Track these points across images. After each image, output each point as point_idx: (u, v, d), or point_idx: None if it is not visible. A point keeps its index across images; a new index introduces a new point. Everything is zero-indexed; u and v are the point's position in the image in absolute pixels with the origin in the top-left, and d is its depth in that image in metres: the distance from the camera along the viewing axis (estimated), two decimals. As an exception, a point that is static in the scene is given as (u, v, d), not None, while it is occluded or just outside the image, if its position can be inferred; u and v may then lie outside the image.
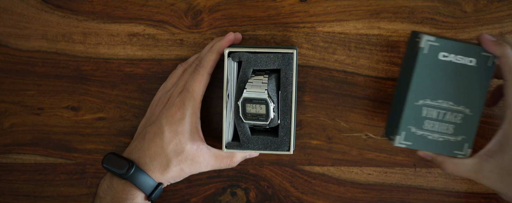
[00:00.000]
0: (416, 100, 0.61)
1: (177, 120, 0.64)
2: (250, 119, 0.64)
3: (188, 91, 0.64)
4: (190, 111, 0.64)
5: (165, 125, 0.64)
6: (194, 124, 0.64)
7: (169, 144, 0.63)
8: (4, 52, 0.71)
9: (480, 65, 0.61)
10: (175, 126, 0.64)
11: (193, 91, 0.64)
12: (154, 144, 0.63)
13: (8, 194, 0.73)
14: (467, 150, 0.62)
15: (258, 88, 0.63)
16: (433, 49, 0.60)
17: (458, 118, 0.62)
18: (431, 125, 0.62)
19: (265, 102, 0.63)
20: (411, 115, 0.61)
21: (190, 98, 0.64)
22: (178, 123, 0.64)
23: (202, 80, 0.64)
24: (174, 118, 0.64)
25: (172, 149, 0.63)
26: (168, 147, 0.63)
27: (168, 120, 0.64)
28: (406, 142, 0.62)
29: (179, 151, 0.64)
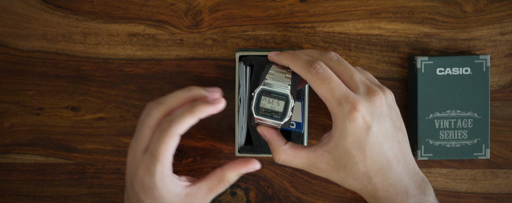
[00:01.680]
0: (427, 115, 0.66)
1: (148, 188, 0.58)
2: (262, 114, 0.58)
3: (153, 156, 0.58)
4: (159, 176, 0.58)
5: (140, 193, 0.59)
6: (168, 184, 0.59)
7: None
8: (4, 52, 0.71)
9: (475, 72, 0.66)
10: (151, 191, 0.58)
11: (159, 156, 0.57)
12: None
13: (8, 194, 0.73)
14: (485, 150, 0.66)
15: (281, 82, 0.58)
16: (429, 67, 0.66)
17: (468, 123, 0.66)
18: (446, 134, 0.67)
19: (286, 98, 0.57)
20: (426, 129, 0.66)
21: (155, 164, 0.58)
22: (151, 190, 0.58)
23: (171, 144, 0.58)
24: (145, 185, 0.59)
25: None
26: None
27: (140, 188, 0.59)
28: (427, 154, 0.67)
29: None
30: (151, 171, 0.58)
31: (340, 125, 0.56)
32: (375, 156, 0.56)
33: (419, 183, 0.58)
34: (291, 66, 0.58)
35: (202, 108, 0.58)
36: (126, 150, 0.72)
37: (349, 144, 0.56)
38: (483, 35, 0.69)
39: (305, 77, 0.57)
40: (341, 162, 0.56)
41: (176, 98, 0.60)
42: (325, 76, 0.56)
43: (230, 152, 0.72)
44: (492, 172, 0.71)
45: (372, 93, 0.56)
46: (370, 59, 0.70)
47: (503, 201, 0.71)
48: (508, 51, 0.70)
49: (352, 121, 0.55)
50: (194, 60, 0.71)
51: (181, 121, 0.57)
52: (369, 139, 0.56)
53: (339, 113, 0.55)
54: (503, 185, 0.71)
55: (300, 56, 0.58)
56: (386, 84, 0.70)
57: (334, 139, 0.56)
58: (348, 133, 0.55)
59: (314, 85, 0.56)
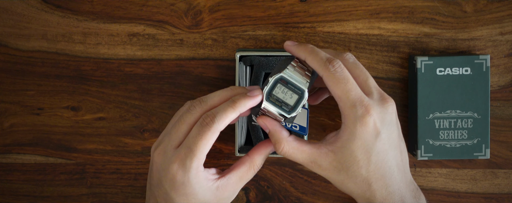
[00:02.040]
0: (427, 115, 0.66)
1: (180, 184, 0.57)
2: (271, 102, 0.57)
3: (190, 150, 0.56)
4: (194, 172, 0.56)
5: (170, 190, 0.57)
6: (201, 180, 0.57)
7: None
8: (4, 52, 0.71)
9: (475, 72, 0.66)
10: (183, 188, 0.57)
11: (196, 150, 0.56)
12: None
13: (8, 194, 0.73)
14: (485, 150, 0.66)
15: (300, 76, 0.57)
16: (429, 67, 0.66)
17: (468, 123, 0.66)
18: (446, 134, 0.67)
19: (301, 93, 0.56)
20: (426, 129, 0.66)
21: (192, 157, 0.56)
22: (183, 186, 0.57)
23: (210, 139, 0.56)
24: (177, 181, 0.57)
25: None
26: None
27: (171, 184, 0.57)
28: (427, 154, 0.67)
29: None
30: (186, 167, 0.56)
31: (350, 127, 0.55)
32: (380, 163, 0.56)
33: (414, 192, 0.59)
34: (309, 60, 0.57)
35: (243, 102, 0.56)
36: (126, 150, 0.72)
37: (356, 147, 0.55)
38: (483, 35, 0.69)
39: (321, 74, 0.56)
40: (344, 164, 0.56)
41: (219, 97, 0.59)
42: (342, 76, 0.55)
43: (230, 152, 0.72)
44: (492, 172, 0.71)
45: (385, 100, 0.56)
46: (370, 59, 0.70)
47: (503, 201, 0.71)
48: (508, 51, 0.70)
49: (363, 124, 0.55)
50: (194, 60, 0.71)
51: (224, 116, 0.56)
52: (377, 144, 0.56)
53: (352, 115, 0.55)
54: (503, 185, 0.71)
55: (319, 51, 0.57)
56: (386, 84, 0.70)
57: (341, 139, 0.56)
58: (357, 136, 0.55)
59: (330, 83, 0.56)
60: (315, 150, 0.57)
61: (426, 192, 0.71)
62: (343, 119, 0.56)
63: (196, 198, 0.57)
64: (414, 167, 0.71)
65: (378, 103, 0.56)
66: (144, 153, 0.72)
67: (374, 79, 0.70)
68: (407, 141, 0.71)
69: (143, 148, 0.72)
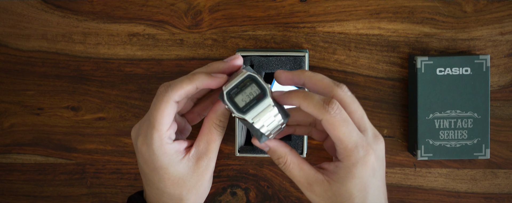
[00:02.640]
0: (427, 115, 0.66)
1: (148, 159, 0.56)
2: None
3: (149, 122, 0.56)
4: (157, 144, 0.56)
5: (144, 166, 0.58)
6: (169, 153, 0.56)
7: (162, 182, 0.57)
8: (4, 52, 0.71)
9: (475, 72, 0.66)
10: (151, 164, 0.56)
11: (154, 122, 0.55)
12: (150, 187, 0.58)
13: (8, 194, 0.73)
14: (485, 150, 0.67)
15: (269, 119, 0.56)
16: (429, 67, 0.66)
17: (468, 123, 0.67)
18: (446, 134, 0.67)
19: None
20: (426, 129, 0.67)
21: (151, 129, 0.55)
22: (152, 161, 0.56)
23: (165, 109, 0.55)
24: (144, 154, 0.57)
25: (170, 184, 0.57)
26: (165, 186, 0.57)
27: (142, 161, 0.57)
28: (427, 154, 0.67)
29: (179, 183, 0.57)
30: (148, 138, 0.55)
31: (349, 167, 0.55)
32: (375, 199, 0.56)
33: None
34: (303, 107, 0.54)
35: (201, 77, 0.55)
36: (126, 150, 0.72)
37: (354, 185, 0.55)
38: (483, 35, 0.69)
39: (321, 117, 0.54)
40: (339, 198, 0.56)
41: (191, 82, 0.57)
42: (342, 118, 0.54)
43: (230, 152, 0.72)
44: (492, 172, 0.71)
45: (378, 138, 0.57)
46: (370, 59, 0.70)
47: (503, 201, 0.71)
48: (508, 51, 0.70)
49: (364, 164, 0.55)
50: (194, 60, 0.71)
51: (179, 86, 0.55)
52: (373, 182, 0.56)
53: (353, 156, 0.55)
54: (503, 185, 0.71)
55: (313, 95, 0.55)
56: (386, 84, 0.70)
57: (338, 175, 0.56)
58: (356, 176, 0.55)
59: (330, 126, 0.54)
60: (313, 173, 0.56)
61: (426, 192, 0.71)
62: (343, 159, 0.55)
63: (168, 172, 0.56)
64: (414, 167, 0.71)
65: (373, 141, 0.56)
66: (144, 153, 0.72)
67: (374, 79, 0.70)
68: (407, 141, 0.71)
69: (143, 148, 0.72)
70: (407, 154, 0.71)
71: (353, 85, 0.70)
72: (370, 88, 0.70)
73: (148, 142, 0.56)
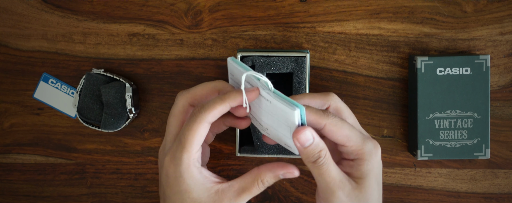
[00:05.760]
0: (427, 115, 0.66)
1: (173, 179, 0.55)
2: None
3: (180, 142, 0.54)
4: (185, 165, 0.54)
5: (166, 187, 0.56)
6: (196, 176, 0.55)
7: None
8: (4, 52, 0.71)
9: (475, 72, 0.66)
10: (177, 184, 0.55)
11: (186, 143, 0.54)
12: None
13: (8, 194, 0.73)
14: (485, 150, 0.67)
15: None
16: (429, 67, 0.66)
17: (468, 123, 0.67)
18: (446, 134, 0.67)
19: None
20: (426, 129, 0.67)
21: (182, 150, 0.54)
22: (177, 182, 0.55)
23: (198, 129, 0.54)
24: (170, 176, 0.55)
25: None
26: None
27: (166, 181, 0.56)
28: (427, 154, 0.67)
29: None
30: (177, 160, 0.54)
31: (367, 160, 0.56)
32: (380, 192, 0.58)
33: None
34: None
35: (234, 96, 0.54)
36: (126, 150, 0.72)
37: (375, 178, 0.56)
38: (483, 35, 0.69)
39: (323, 122, 0.54)
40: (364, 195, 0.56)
41: (202, 87, 0.58)
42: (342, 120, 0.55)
43: (230, 152, 0.72)
44: (492, 172, 0.71)
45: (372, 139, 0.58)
46: (370, 59, 0.70)
47: (503, 201, 0.71)
48: (508, 51, 0.70)
49: (376, 156, 0.56)
50: (194, 60, 0.71)
51: (212, 108, 0.54)
52: (380, 175, 0.58)
53: (366, 149, 0.55)
54: (503, 185, 0.71)
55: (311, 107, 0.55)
56: (386, 84, 0.70)
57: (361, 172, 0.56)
58: (375, 168, 0.56)
59: (335, 128, 0.54)
60: (342, 173, 0.56)
61: (426, 192, 0.71)
62: (355, 155, 0.56)
63: (190, 197, 0.55)
64: (414, 167, 0.71)
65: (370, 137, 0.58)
66: (144, 153, 0.72)
67: (374, 79, 0.70)
68: (407, 141, 0.71)
69: (143, 148, 0.72)
70: (407, 154, 0.71)
71: (353, 85, 0.70)
72: (370, 88, 0.70)
73: (176, 162, 0.54)
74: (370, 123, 0.71)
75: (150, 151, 0.72)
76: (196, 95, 0.58)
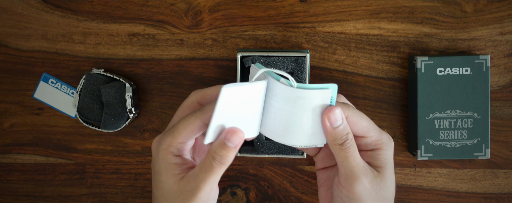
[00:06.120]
0: (427, 115, 0.66)
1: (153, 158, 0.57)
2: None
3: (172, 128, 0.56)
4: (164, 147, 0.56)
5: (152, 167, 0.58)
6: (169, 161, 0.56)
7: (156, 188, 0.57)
8: (4, 52, 0.71)
9: (475, 72, 0.66)
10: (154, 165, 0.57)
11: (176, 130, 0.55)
12: (152, 188, 0.58)
13: (8, 194, 0.73)
14: (485, 150, 0.67)
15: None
16: (429, 67, 0.66)
17: (468, 123, 0.67)
18: (446, 134, 0.67)
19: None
20: (426, 129, 0.67)
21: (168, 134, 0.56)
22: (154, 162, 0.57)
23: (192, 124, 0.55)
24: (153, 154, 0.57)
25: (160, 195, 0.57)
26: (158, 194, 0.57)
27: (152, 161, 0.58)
28: (427, 154, 0.67)
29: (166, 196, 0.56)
30: (161, 140, 0.56)
31: (386, 150, 0.58)
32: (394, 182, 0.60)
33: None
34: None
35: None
36: (126, 150, 0.72)
37: (392, 169, 0.58)
38: (483, 35, 0.69)
39: (346, 114, 0.55)
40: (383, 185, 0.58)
41: (214, 88, 0.58)
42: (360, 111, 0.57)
43: (230, 152, 0.72)
44: (492, 172, 0.71)
45: None
46: (370, 59, 0.70)
47: (503, 201, 0.71)
48: (508, 51, 0.70)
49: (391, 148, 0.58)
50: (194, 60, 0.71)
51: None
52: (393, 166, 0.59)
53: (384, 139, 0.58)
54: (503, 185, 0.71)
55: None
56: (386, 84, 0.70)
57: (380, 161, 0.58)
58: (391, 158, 0.58)
59: (355, 118, 0.56)
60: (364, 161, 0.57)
61: (426, 192, 0.71)
62: (374, 146, 0.57)
63: (161, 180, 0.56)
64: (414, 167, 0.71)
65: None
66: (144, 153, 0.72)
67: (374, 79, 0.70)
68: (407, 141, 0.71)
69: (143, 148, 0.72)
70: (407, 154, 0.71)
71: (353, 85, 0.70)
72: (370, 88, 0.70)
73: (159, 142, 0.56)
74: (370, 123, 0.71)
75: (150, 151, 0.72)
76: (206, 95, 0.59)
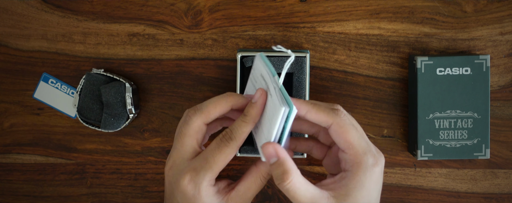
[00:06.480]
0: (427, 115, 0.66)
1: (191, 197, 0.55)
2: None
3: (207, 161, 0.55)
4: (205, 184, 0.55)
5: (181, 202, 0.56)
6: (211, 195, 0.55)
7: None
8: (4, 52, 0.71)
9: (475, 72, 0.66)
10: (194, 200, 0.55)
11: (213, 163, 0.54)
12: None
13: (8, 194, 0.73)
14: (485, 150, 0.67)
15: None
16: (429, 67, 0.66)
17: (468, 123, 0.67)
18: (446, 134, 0.67)
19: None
20: (426, 129, 0.67)
21: (207, 169, 0.54)
22: (194, 199, 0.55)
23: (229, 154, 0.55)
24: (188, 193, 0.55)
25: None
26: None
27: (182, 197, 0.55)
28: (427, 154, 0.67)
29: None
30: (200, 178, 0.55)
31: (359, 175, 0.54)
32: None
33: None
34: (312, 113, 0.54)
35: (253, 113, 0.55)
36: (126, 150, 0.72)
37: (362, 196, 0.54)
38: (483, 35, 0.69)
39: (331, 122, 0.54)
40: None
41: (214, 104, 0.57)
42: (352, 123, 0.54)
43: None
44: (492, 172, 0.71)
45: (380, 153, 0.56)
46: (370, 59, 0.70)
47: (503, 201, 0.71)
48: (508, 51, 0.70)
49: (372, 173, 0.54)
50: (194, 60, 0.71)
51: (240, 132, 0.55)
52: (376, 195, 0.56)
53: (363, 163, 0.54)
54: (503, 185, 0.71)
55: (320, 103, 0.55)
56: (386, 84, 0.70)
57: (347, 187, 0.54)
58: (365, 186, 0.54)
59: (341, 129, 0.54)
60: (319, 192, 0.54)
61: (426, 192, 0.71)
62: (350, 167, 0.55)
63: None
64: (414, 167, 0.71)
65: (378, 153, 0.56)
66: (144, 153, 0.72)
67: (374, 79, 0.70)
68: (407, 141, 0.71)
69: (143, 148, 0.72)
70: (407, 154, 0.71)
71: (353, 85, 0.70)
72: (370, 88, 0.70)
73: (198, 180, 0.54)
74: (370, 123, 0.71)
75: (150, 151, 0.72)
76: (211, 114, 0.57)
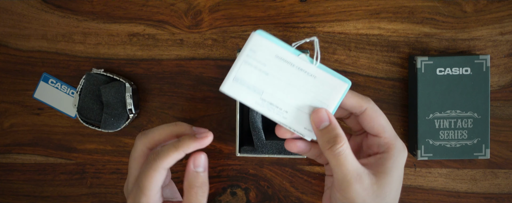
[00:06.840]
0: (427, 115, 0.67)
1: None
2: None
3: (139, 188, 0.56)
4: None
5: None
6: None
7: None
8: (4, 52, 0.71)
9: (475, 72, 0.66)
10: None
11: (144, 189, 0.56)
12: None
13: (8, 194, 0.73)
14: (485, 150, 0.67)
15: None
16: (429, 67, 0.66)
17: (468, 123, 0.67)
18: (446, 134, 0.67)
19: None
20: (426, 129, 0.67)
21: (141, 196, 0.56)
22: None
23: (155, 176, 0.56)
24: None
25: None
26: None
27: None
28: (427, 154, 0.67)
29: None
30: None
31: (395, 156, 0.56)
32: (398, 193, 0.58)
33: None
34: (350, 97, 0.56)
35: (187, 143, 0.56)
36: (126, 150, 0.72)
37: (398, 175, 0.57)
38: (483, 35, 0.69)
39: (365, 106, 0.56)
40: (383, 190, 0.56)
41: (160, 131, 0.59)
42: (380, 110, 0.57)
43: (230, 152, 0.72)
44: (492, 172, 0.71)
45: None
46: (370, 59, 0.70)
47: (503, 201, 0.71)
48: (508, 51, 0.70)
49: (404, 156, 0.57)
50: (194, 60, 0.71)
51: (166, 155, 0.56)
52: (402, 176, 0.58)
53: (397, 146, 0.57)
54: (503, 185, 0.71)
55: (352, 91, 0.57)
56: (386, 84, 0.70)
57: (384, 166, 0.56)
58: (400, 166, 0.57)
59: (375, 114, 0.57)
60: (361, 167, 0.55)
61: (426, 192, 0.71)
62: (386, 148, 0.57)
63: None
64: (414, 167, 0.71)
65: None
66: (144, 153, 0.72)
67: (374, 79, 0.70)
68: (407, 141, 0.71)
69: (143, 148, 0.72)
70: (407, 154, 0.71)
71: (353, 85, 0.70)
72: (370, 88, 0.70)
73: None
74: (370, 123, 0.71)
75: (150, 151, 0.72)
76: (154, 140, 0.59)
